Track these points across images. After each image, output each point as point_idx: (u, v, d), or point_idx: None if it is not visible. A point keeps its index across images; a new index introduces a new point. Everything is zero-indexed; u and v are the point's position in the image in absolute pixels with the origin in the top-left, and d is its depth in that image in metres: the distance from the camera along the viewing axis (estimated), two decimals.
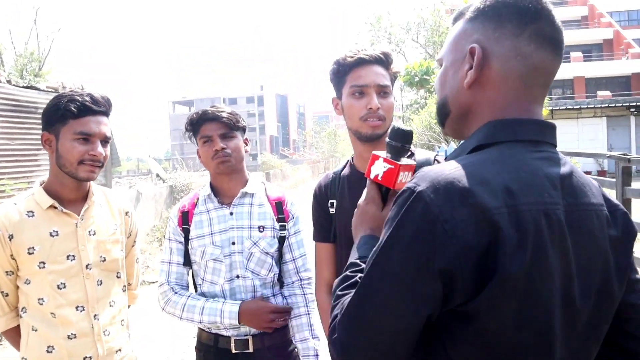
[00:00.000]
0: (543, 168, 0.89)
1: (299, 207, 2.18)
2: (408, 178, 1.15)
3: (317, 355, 2.03)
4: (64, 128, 1.72)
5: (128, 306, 2.02)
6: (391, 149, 1.18)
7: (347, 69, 1.70)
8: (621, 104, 24.19)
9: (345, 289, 0.98)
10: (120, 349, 1.87)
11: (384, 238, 0.87)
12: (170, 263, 2.10)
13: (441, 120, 1.07)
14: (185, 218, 2.08)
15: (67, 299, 1.74)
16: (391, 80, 1.73)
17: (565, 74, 29.25)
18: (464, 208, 0.81)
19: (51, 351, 1.73)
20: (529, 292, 0.82)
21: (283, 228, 2.08)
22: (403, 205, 0.86)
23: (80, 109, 1.72)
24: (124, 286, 1.98)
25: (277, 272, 2.09)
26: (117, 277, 1.92)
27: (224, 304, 1.96)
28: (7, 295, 1.76)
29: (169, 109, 74.91)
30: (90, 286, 1.79)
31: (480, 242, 0.79)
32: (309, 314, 2.09)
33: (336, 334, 0.89)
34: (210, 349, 2.05)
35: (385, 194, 1.19)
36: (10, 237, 1.70)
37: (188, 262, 2.09)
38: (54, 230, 1.75)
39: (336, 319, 0.91)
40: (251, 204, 2.07)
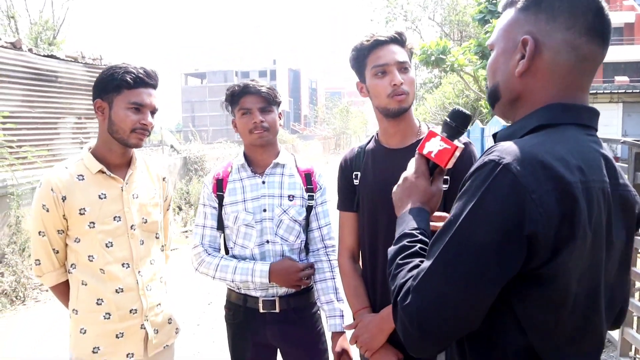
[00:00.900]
0: (597, 150, 0.99)
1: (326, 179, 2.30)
2: (454, 160, 1.21)
3: (342, 315, 2.15)
4: (119, 97, 1.85)
5: None
6: (448, 129, 1.24)
7: (366, 52, 1.80)
8: (639, 90, 23.83)
9: (405, 258, 1.04)
10: (160, 304, 2.03)
11: (466, 209, 0.92)
12: (204, 227, 2.22)
13: (492, 103, 1.14)
14: (219, 185, 2.19)
15: (115, 257, 1.89)
16: (408, 56, 1.83)
17: None
18: (548, 181, 0.88)
19: (100, 303, 1.89)
20: (592, 256, 0.93)
21: (311, 198, 2.19)
22: (488, 176, 0.91)
23: (135, 81, 1.85)
24: (162, 246, 2.13)
25: (304, 239, 2.21)
26: (156, 238, 2.07)
27: (255, 264, 2.09)
28: (58, 252, 1.92)
29: (181, 81, 74.67)
30: (134, 245, 1.94)
31: (561, 211, 0.88)
32: (334, 279, 2.21)
33: (409, 301, 0.94)
34: (239, 308, 2.17)
35: (431, 171, 1.23)
36: (63, 199, 1.84)
37: (221, 227, 2.21)
38: (102, 193, 1.89)
39: (407, 287, 0.96)
40: (282, 174, 2.18)
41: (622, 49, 29.71)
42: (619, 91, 23.61)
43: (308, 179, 2.21)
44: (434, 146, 1.21)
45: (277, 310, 2.13)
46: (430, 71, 17.92)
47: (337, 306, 2.17)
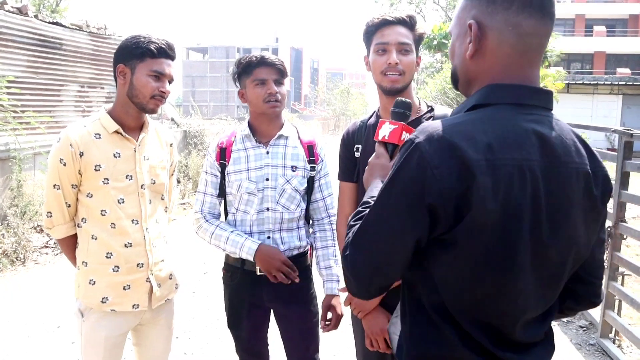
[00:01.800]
0: (529, 128, 1.05)
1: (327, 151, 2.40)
2: (407, 135, 1.41)
3: (339, 280, 2.27)
4: (141, 64, 1.97)
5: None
6: (396, 116, 1.48)
7: (374, 29, 1.92)
8: (639, 83, 23.90)
9: (356, 220, 1.20)
10: (163, 260, 2.17)
11: (388, 178, 1.10)
12: (205, 194, 2.33)
13: (454, 85, 1.26)
14: (222, 154, 2.28)
15: (125, 213, 2.02)
16: (414, 40, 1.93)
17: (585, 48, 28.74)
18: (451, 159, 1.00)
19: (110, 257, 2.02)
20: (498, 227, 1.01)
21: (313, 169, 2.30)
22: (404, 153, 1.07)
23: (159, 50, 1.98)
24: (166, 207, 2.26)
25: (304, 208, 2.32)
26: (162, 199, 2.20)
27: (246, 240, 2.19)
28: (69, 206, 2.03)
29: (183, 55, 74.09)
30: (143, 203, 2.06)
31: (460, 186, 1.00)
32: (335, 246, 2.34)
33: (347, 252, 1.13)
34: (237, 270, 2.28)
35: (391, 153, 1.44)
36: (81, 154, 1.96)
37: (222, 194, 2.32)
38: (117, 152, 2.01)
39: (348, 241, 1.14)
40: (286, 145, 2.28)
41: (626, 41, 29.64)
42: (620, 83, 23.55)
43: (310, 151, 2.31)
44: (386, 130, 1.46)
45: None
46: (432, 55, 17.87)
47: (335, 271, 2.30)
